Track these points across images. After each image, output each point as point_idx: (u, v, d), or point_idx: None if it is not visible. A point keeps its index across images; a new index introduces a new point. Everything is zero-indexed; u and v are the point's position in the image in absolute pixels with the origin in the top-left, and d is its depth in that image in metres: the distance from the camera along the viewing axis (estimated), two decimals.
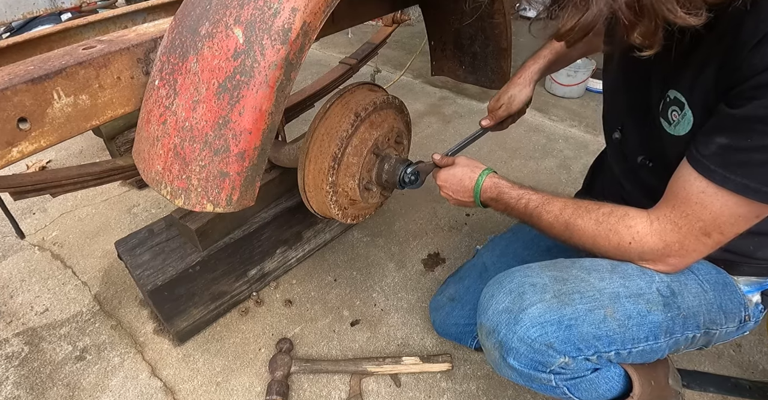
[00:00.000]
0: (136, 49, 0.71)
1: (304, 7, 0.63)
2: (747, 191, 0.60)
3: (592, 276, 0.79)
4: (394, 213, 1.78)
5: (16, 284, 1.52)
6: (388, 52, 3.30)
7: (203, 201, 0.69)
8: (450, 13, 1.34)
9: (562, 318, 0.73)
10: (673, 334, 0.78)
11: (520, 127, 2.39)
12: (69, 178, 1.22)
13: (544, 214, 0.84)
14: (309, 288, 1.48)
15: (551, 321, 0.73)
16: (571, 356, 0.74)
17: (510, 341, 0.75)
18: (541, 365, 0.75)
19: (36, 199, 1.90)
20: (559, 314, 0.74)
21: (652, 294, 0.76)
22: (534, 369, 0.76)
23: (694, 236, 0.68)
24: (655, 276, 0.78)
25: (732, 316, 0.80)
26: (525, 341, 0.74)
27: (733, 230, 0.66)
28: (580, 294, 0.76)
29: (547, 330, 0.73)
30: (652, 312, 0.76)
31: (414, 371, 1.20)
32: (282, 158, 1.25)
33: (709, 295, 0.78)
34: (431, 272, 1.52)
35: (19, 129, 0.61)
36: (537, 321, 0.74)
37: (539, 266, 0.83)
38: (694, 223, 0.67)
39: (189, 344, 1.31)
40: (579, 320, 0.74)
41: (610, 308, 0.75)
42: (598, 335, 0.74)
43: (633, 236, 0.73)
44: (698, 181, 0.65)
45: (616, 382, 0.83)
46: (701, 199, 0.65)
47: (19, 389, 1.21)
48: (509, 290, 0.79)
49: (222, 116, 0.65)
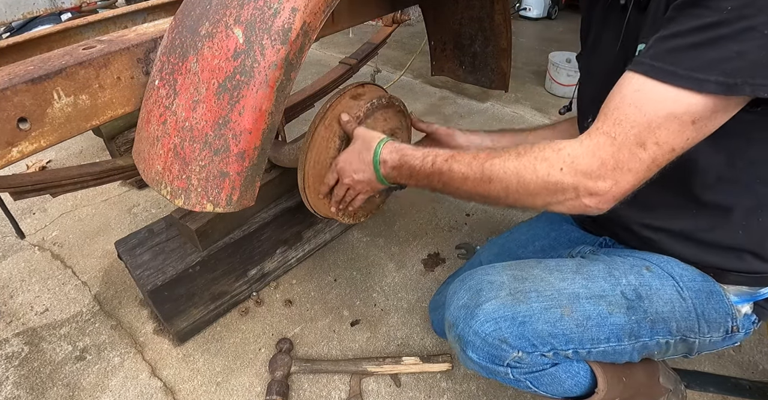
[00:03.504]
0: (136, 49, 0.71)
1: (304, 7, 0.63)
2: (676, 79, 0.56)
3: (554, 276, 0.80)
4: (394, 213, 1.78)
5: (16, 284, 1.52)
6: (388, 52, 3.31)
7: (203, 201, 0.69)
8: (450, 14, 1.34)
9: (516, 315, 0.75)
10: (639, 338, 0.77)
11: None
12: (69, 178, 1.22)
13: (455, 166, 0.74)
14: (309, 288, 1.48)
15: (505, 317, 0.75)
16: (525, 352, 0.75)
17: (467, 334, 0.77)
18: (497, 359, 0.77)
19: (36, 199, 1.90)
20: (513, 310, 0.75)
21: (615, 296, 0.77)
22: (491, 362, 0.78)
23: (628, 147, 0.60)
24: (621, 279, 0.78)
25: (716, 325, 0.79)
26: (480, 335, 0.76)
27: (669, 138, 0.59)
28: (537, 293, 0.77)
29: (500, 325, 0.75)
30: (614, 314, 0.76)
31: (414, 371, 1.20)
32: (282, 158, 1.25)
33: (688, 302, 0.77)
34: (431, 272, 1.52)
35: (19, 129, 0.61)
36: (491, 316, 0.75)
37: (502, 265, 0.84)
38: (629, 130, 0.60)
39: (189, 344, 1.31)
40: (534, 317, 0.75)
41: (568, 307, 0.76)
42: (554, 333, 0.75)
43: (563, 159, 0.64)
44: (632, 80, 0.61)
45: (582, 377, 0.83)
46: (635, 99, 0.60)
47: (19, 389, 1.21)
48: (469, 287, 0.81)
49: (222, 116, 0.66)
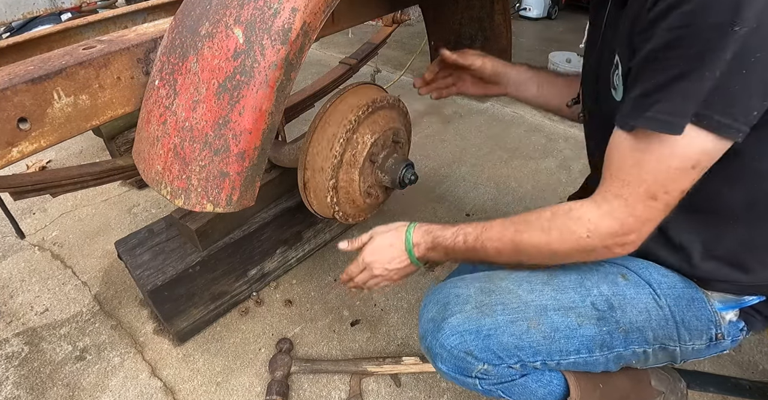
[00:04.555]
0: (136, 49, 0.71)
1: (304, 7, 0.63)
2: (661, 126, 0.58)
3: (522, 288, 0.80)
4: (394, 213, 1.78)
5: (16, 284, 1.52)
6: (388, 52, 3.31)
7: (203, 201, 0.69)
8: (450, 14, 1.34)
9: (480, 328, 0.76)
10: (612, 348, 0.77)
11: (520, 128, 2.39)
12: (69, 178, 1.22)
13: (487, 243, 0.77)
14: (309, 288, 1.48)
15: (470, 330, 0.76)
16: (491, 364, 0.76)
17: (434, 347, 0.78)
18: (465, 370, 0.78)
19: (36, 199, 1.90)
20: (478, 324, 0.76)
21: (585, 308, 0.77)
22: (459, 374, 0.79)
23: (642, 203, 0.64)
24: (593, 289, 0.78)
25: (698, 333, 0.78)
26: (445, 348, 0.77)
27: (675, 185, 0.62)
28: (503, 305, 0.78)
29: (465, 339, 0.76)
30: (584, 326, 0.76)
31: (414, 371, 1.20)
32: (282, 158, 1.25)
33: (665, 310, 0.76)
34: (431, 272, 1.52)
35: (19, 129, 0.61)
36: (456, 330, 0.76)
37: (472, 277, 0.85)
38: (637, 189, 0.64)
39: (189, 344, 1.31)
40: (499, 330, 0.75)
41: (535, 320, 0.76)
42: (521, 345, 0.75)
43: (587, 227, 0.68)
44: (626, 140, 0.63)
45: (556, 385, 0.83)
46: (636, 158, 0.63)
47: (19, 389, 1.21)
48: (437, 300, 0.82)
49: (222, 116, 0.65)
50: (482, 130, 2.37)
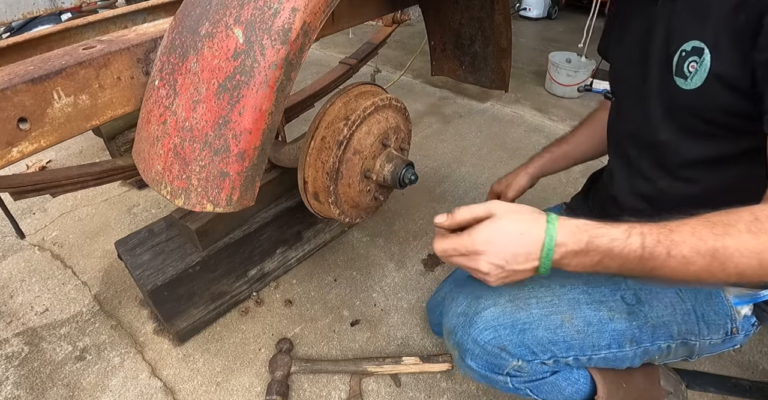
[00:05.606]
0: (136, 49, 0.71)
1: (304, 7, 0.63)
2: None
3: (554, 281, 0.77)
4: (394, 213, 1.78)
5: (16, 284, 1.52)
6: (388, 52, 3.31)
7: (203, 201, 0.69)
8: (450, 14, 1.34)
9: (515, 322, 0.73)
10: (641, 343, 0.76)
11: (520, 127, 2.39)
12: (69, 178, 1.22)
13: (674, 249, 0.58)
14: (309, 288, 1.48)
15: (504, 324, 0.73)
16: (525, 360, 0.74)
17: (465, 342, 0.75)
18: (497, 367, 0.75)
19: (36, 199, 1.90)
20: (513, 318, 0.73)
21: (615, 302, 0.75)
22: (490, 371, 0.76)
23: None
24: (621, 283, 0.76)
25: (716, 327, 0.77)
26: (478, 344, 0.74)
27: None
28: (536, 299, 0.75)
29: (500, 333, 0.73)
30: (615, 320, 0.75)
31: (414, 371, 1.20)
32: (282, 158, 1.25)
33: (687, 304, 0.76)
34: (431, 272, 1.52)
35: (19, 129, 0.61)
36: (490, 324, 0.73)
37: None
38: None
39: (189, 344, 1.31)
40: (534, 324, 0.73)
41: (568, 314, 0.74)
42: (555, 340, 0.73)
43: None
44: None
45: (582, 384, 0.82)
46: None
47: (19, 389, 1.21)
48: (467, 294, 0.79)
49: (222, 116, 0.65)
50: (482, 130, 2.37)
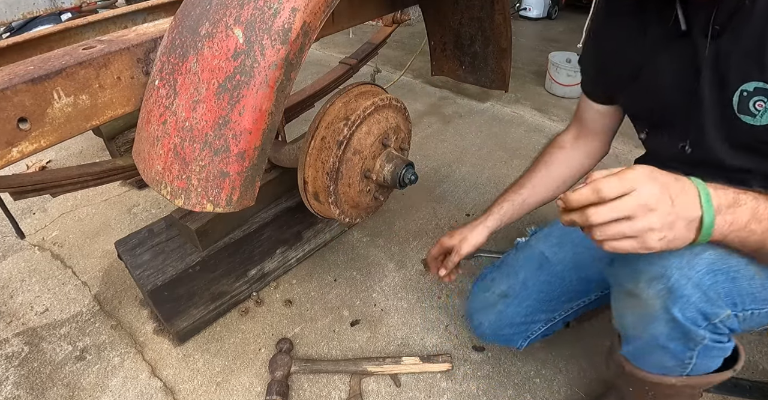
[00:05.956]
0: (136, 49, 0.71)
1: (304, 7, 0.63)
2: None
3: None
4: (394, 213, 1.78)
5: (16, 284, 1.52)
6: (388, 52, 3.31)
7: (203, 201, 0.69)
8: (450, 14, 1.34)
9: (729, 269, 0.66)
10: None
11: (520, 128, 2.39)
12: (69, 178, 1.22)
13: None
14: (309, 288, 1.48)
15: (722, 270, 0.65)
16: (732, 311, 0.67)
17: (683, 287, 0.65)
18: (705, 318, 0.67)
19: (36, 199, 1.90)
20: (727, 263, 0.66)
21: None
22: (694, 323, 0.68)
23: None
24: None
25: None
26: (700, 288, 0.65)
27: None
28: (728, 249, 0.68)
29: (718, 279, 0.65)
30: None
31: (414, 371, 1.20)
32: (282, 158, 1.25)
33: None
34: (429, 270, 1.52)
35: (19, 129, 0.61)
36: (711, 268, 0.65)
37: None
38: None
39: (189, 344, 1.31)
40: (740, 273, 0.66)
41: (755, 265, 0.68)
42: (750, 291, 0.67)
43: None
44: None
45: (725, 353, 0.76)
46: None
47: (19, 389, 1.21)
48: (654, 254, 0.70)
49: (222, 116, 0.65)
50: (482, 130, 2.37)
